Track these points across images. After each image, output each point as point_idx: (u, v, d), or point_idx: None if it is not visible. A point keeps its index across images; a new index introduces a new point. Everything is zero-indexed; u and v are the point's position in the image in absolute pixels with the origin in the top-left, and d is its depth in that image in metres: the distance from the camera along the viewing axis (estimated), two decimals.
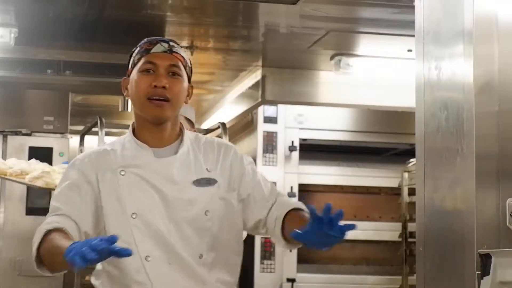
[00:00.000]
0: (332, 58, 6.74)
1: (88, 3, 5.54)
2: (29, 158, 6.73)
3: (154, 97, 2.58)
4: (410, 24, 3.51)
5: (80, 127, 6.98)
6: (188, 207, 2.58)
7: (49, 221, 2.52)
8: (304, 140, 6.76)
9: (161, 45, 2.69)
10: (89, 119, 6.90)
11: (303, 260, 6.57)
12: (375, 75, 6.95)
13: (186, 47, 6.60)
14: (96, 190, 2.58)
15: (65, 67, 6.65)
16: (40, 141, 6.86)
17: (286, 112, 6.61)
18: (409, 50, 6.25)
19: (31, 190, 6.74)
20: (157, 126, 2.62)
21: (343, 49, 6.62)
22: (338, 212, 2.29)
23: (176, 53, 2.67)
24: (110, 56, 6.67)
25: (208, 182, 2.61)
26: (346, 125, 6.94)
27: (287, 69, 7.08)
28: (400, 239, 6.60)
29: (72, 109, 7.13)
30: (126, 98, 7.25)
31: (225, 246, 2.63)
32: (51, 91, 6.99)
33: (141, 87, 2.60)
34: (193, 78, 2.74)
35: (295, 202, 2.73)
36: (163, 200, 2.55)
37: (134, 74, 2.65)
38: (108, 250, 2.08)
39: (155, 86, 2.57)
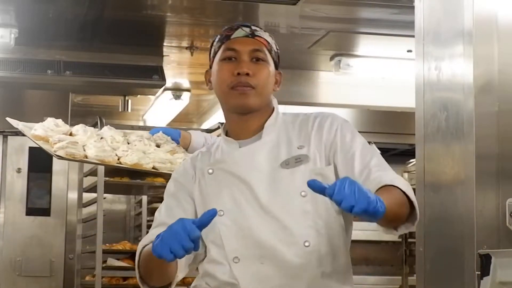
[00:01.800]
0: (332, 58, 6.74)
1: (88, 3, 5.54)
2: (29, 159, 6.75)
3: (238, 86, 2.36)
4: (410, 25, 3.51)
5: None
6: (280, 192, 2.31)
7: (148, 235, 2.36)
8: None
9: (242, 29, 2.42)
10: (89, 119, 6.88)
11: None
12: (375, 75, 6.95)
13: (186, 47, 6.60)
14: (192, 196, 2.40)
15: (65, 67, 6.64)
16: None
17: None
18: (409, 51, 6.25)
19: (31, 190, 6.74)
20: (243, 116, 2.40)
21: (343, 49, 6.62)
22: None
23: (259, 36, 2.42)
24: (110, 56, 6.66)
25: (298, 160, 2.33)
26: None
27: (287, 70, 7.06)
28: (400, 239, 6.59)
29: (72, 109, 7.13)
30: (126, 99, 7.27)
31: (332, 231, 2.35)
32: (51, 91, 6.98)
33: (222, 76, 2.38)
34: (193, 78, 2.73)
35: (392, 178, 2.26)
36: (251, 191, 2.31)
37: (215, 64, 2.44)
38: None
39: (238, 74, 2.35)
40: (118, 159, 3.72)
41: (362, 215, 2.02)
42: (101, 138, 3.87)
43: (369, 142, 2.52)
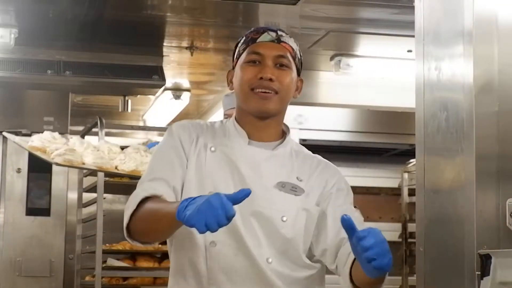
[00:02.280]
0: (332, 58, 6.74)
1: (88, 3, 5.54)
2: (29, 159, 6.75)
3: (260, 89, 2.41)
4: (410, 25, 3.51)
5: (80, 128, 6.97)
6: (264, 205, 2.38)
7: (146, 187, 2.33)
8: (304, 140, 6.76)
9: (268, 34, 2.48)
10: (89, 120, 6.89)
11: None
12: (375, 75, 6.95)
13: (186, 48, 6.60)
14: (186, 159, 2.41)
15: (65, 67, 6.64)
16: None
17: (286, 113, 6.60)
18: (409, 51, 6.25)
19: (31, 190, 6.74)
20: (260, 120, 2.45)
21: (343, 49, 6.62)
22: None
23: (285, 42, 2.50)
24: (110, 56, 6.66)
25: (294, 189, 2.42)
26: (346, 126, 6.94)
27: None
28: (400, 240, 6.60)
29: (72, 110, 7.13)
30: (126, 99, 7.27)
31: (296, 257, 2.42)
32: (51, 92, 6.98)
33: (245, 78, 2.42)
34: (193, 79, 2.73)
35: None
36: (243, 187, 2.25)
37: (238, 65, 2.48)
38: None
39: (261, 78, 2.40)
40: (116, 167, 3.76)
41: (374, 270, 2.05)
42: (98, 150, 3.91)
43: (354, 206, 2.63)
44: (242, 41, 2.51)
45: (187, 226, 2.03)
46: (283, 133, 2.54)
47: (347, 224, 2.04)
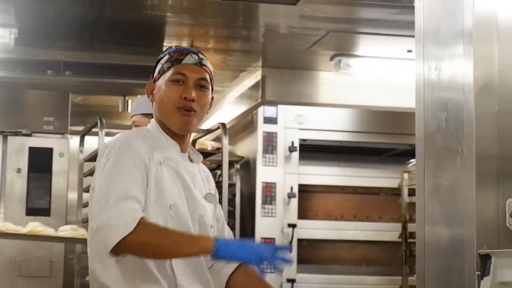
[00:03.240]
0: (332, 58, 6.74)
1: (88, 3, 5.54)
2: (29, 159, 6.75)
3: (183, 109, 2.65)
4: (410, 25, 3.51)
5: (80, 128, 6.98)
6: (203, 213, 2.71)
7: (130, 209, 2.50)
8: (304, 140, 6.76)
9: (192, 56, 2.71)
10: (89, 120, 6.89)
11: (303, 261, 6.57)
12: (375, 75, 6.95)
13: None
14: (147, 176, 2.60)
15: (65, 67, 6.64)
16: (40, 141, 6.86)
17: (286, 113, 6.61)
18: (409, 51, 6.25)
19: (31, 190, 6.74)
20: (181, 135, 2.71)
21: (343, 49, 6.62)
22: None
23: (205, 66, 2.72)
24: (110, 56, 6.67)
25: (212, 199, 2.76)
26: (346, 126, 6.94)
27: (287, 70, 7.08)
28: (400, 240, 6.59)
29: (72, 110, 7.13)
30: (126, 99, 7.28)
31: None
32: (51, 92, 6.99)
33: (171, 96, 2.66)
34: None
35: None
36: (189, 198, 2.65)
37: (163, 82, 2.69)
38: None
39: (185, 98, 2.65)
40: None
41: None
42: None
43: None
44: (166, 58, 2.73)
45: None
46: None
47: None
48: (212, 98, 2.76)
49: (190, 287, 2.61)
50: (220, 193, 5.23)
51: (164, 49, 7.13)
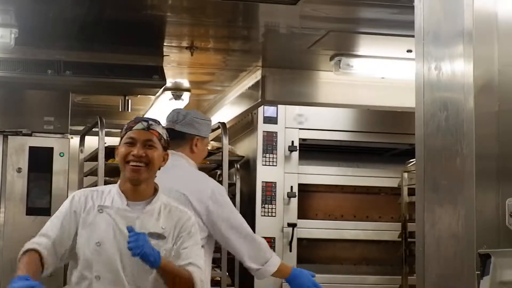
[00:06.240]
0: (332, 58, 6.74)
1: (88, 3, 5.55)
2: (29, 158, 6.75)
3: (132, 163, 3.36)
4: (410, 25, 3.52)
5: (81, 127, 6.98)
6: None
7: (34, 241, 3.50)
8: (304, 140, 6.76)
9: (141, 123, 3.43)
10: (89, 119, 6.89)
11: (303, 260, 6.57)
12: (375, 75, 6.95)
13: (186, 47, 6.61)
14: (78, 219, 3.44)
15: (65, 67, 6.64)
16: (40, 141, 6.86)
17: (286, 112, 6.60)
18: (409, 51, 6.25)
19: (31, 190, 6.74)
20: (134, 186, 3.40)
21: (343, 49, 6.63)
22: None
23: (153, 129, 3.43)
24: (110, 56, 6.66)
25: (158, 236, 3.36)
26: (346, 125, 6.93)
27: (287, 69, 7.08)
28: (400, 239, 6.59)
29: (73, 109, 7.13)
30: (127, 98, 7.27)
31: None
32: (51, 91, 6.98)
33: (122, 154, 3.40)
34: (193, 78, 2.76)
35: (196, 276, 3.37)
36: (122, 238, 3.31)
37: (121, 144, 3.44)
38: None
39: (133, 155, 3.37)
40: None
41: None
42: None
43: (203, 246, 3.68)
44: (125, 127, 3.47)
45: None
46: (155, 191, 3.46)
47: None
48: (167, 154, 3.45)
49: None
50: None
51: (164, 49, 7.15)
